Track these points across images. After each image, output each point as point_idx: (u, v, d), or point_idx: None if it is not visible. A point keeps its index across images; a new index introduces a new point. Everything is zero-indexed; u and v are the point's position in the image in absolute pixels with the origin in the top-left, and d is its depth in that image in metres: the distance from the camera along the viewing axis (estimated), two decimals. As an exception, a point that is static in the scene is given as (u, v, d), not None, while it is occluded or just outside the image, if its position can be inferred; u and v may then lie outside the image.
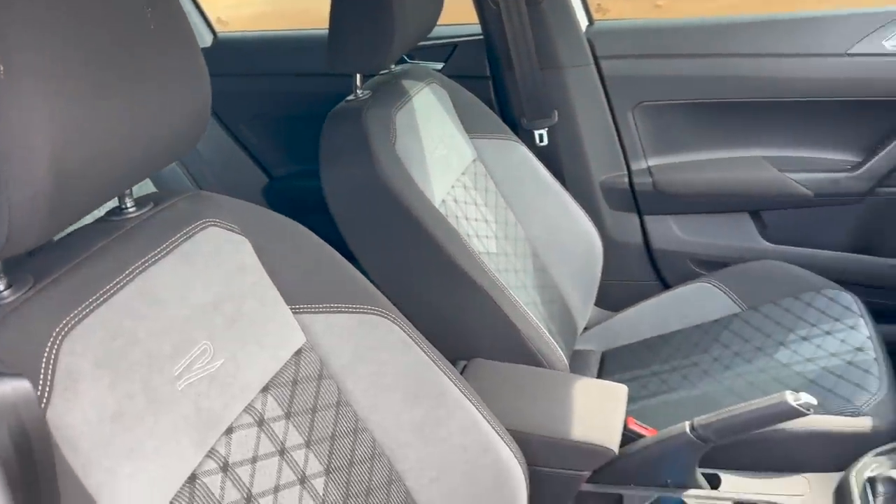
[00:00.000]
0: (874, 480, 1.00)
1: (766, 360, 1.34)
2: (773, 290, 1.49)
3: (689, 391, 1.34)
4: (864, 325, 1.35)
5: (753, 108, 1.63)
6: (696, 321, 1.51)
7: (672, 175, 1.71)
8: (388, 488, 0.87)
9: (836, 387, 1.22)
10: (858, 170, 1.60)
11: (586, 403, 1.08)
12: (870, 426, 1.13)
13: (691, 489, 1.10)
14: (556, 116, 1.67)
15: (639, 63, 1.67)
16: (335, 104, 1.26)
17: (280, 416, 0.78)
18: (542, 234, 1.50)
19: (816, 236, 1.68)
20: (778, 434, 1.11)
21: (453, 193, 1.34)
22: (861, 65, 1.53)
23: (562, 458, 1.03)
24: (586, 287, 1.55)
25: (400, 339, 0.90)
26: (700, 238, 1.74)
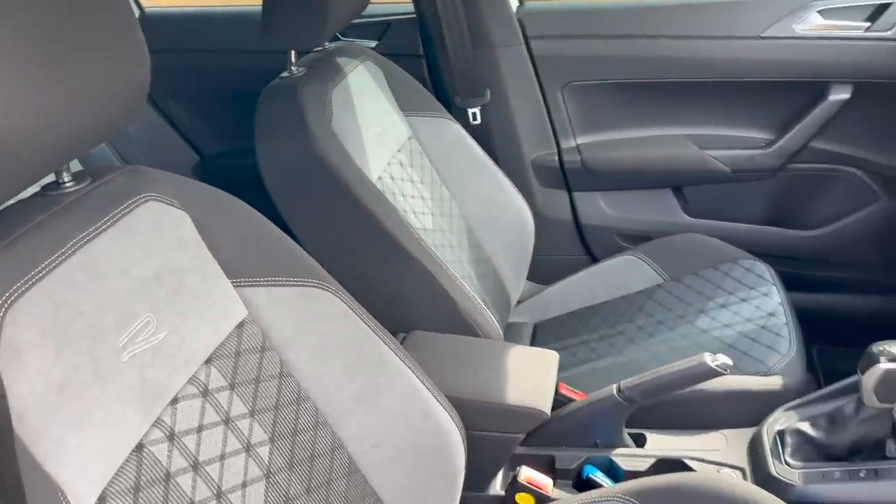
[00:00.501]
0: (783, 433, 1.09)
1: (688, 326, 1.42)
2: (694, 261, 1.56)
3: (615, 358, 1.41)
4: (776, 293, 1.44)
5: (676, 88, 1.71)
6: (622, 292, 1.58)
7: (599, 153, 1.77)
8: (331, 455, 0.90)
9: (751, 349, 1.30)
10: (771, 147, 1.69)
11: (520, 370, 1.12)
12: (780, 384, 1.22)
13: (619, 448, 1.17)
14: (489, 95, 1.70)
15: (568, 43, 1.71)
16: (267, 82, 1.25)
17: (224, 386, 0.80)
18: (477, 210, 1.53)
19: (733, 210, 1.77)
20: (697, 394, 1.19)
21: (389, 171, 1.36)
22: (774, 47, 1.61)
23: (497, 422, 1.08)
24: (519, 261, 1.59)
25: (341, 311, 0.92)
26: (626, 213, 1.81)
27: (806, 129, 1.66)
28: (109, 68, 0.67)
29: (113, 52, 0.67)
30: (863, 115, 1.63)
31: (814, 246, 1.74)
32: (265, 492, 0.80)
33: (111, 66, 0.67)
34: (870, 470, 0.98)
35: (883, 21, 1.55)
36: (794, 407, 1.14)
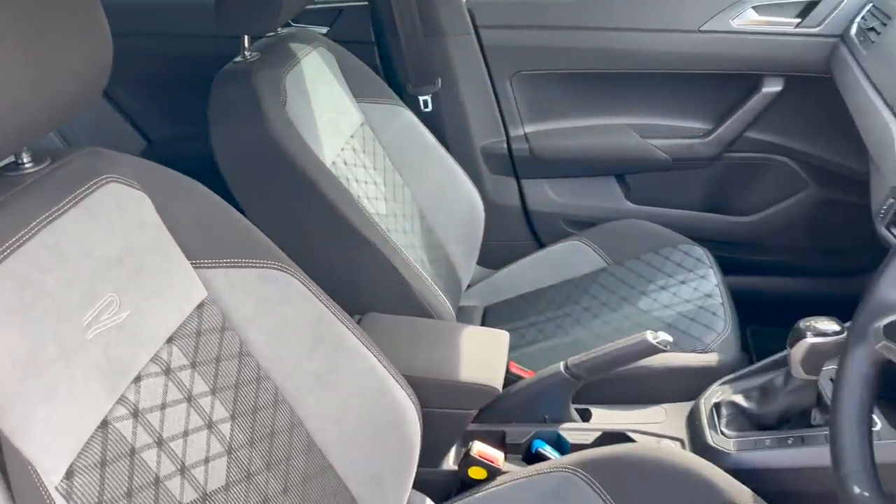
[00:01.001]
0: (719, 405, 1.16)
1: (630, 308, 1.49)
2: (636, 246, 1.63)
3: (562, 338, 1.47)
4: (713, 275, 1.52)
5: (619, 79, 1.76)
6: (568, 276, 1.64)
7: (546, 141, 1.82)
8: (290, 432, 0.92)
9: (690, 328, 1.37)
10: (709, 136, 1.77)
11: (472, 349, 1.16)
12: (716, 360, 1.30)
13: (566, 423, 1.22)
14: (440, 83, 1.73)
15: (516, 34, 1.75)
16: (217, 67, 1.25)
17: (186, 365, 0.81)
18: (429, 196, 1.56)
19: (673, 197, 1.85)
20: (639, 370, 1.25)
21: (343, 156, 1.38)
22: (711, 41, 1.68)
23: (451, 399, 1.11)
24: (469, 246, 1.63)
25: (299, 292, 0.94)
26: (571, 200, 1.87)
27: (741, 119, 1.74)
28: (72, 50, 0.67)
29: (76, 33, 0.68)
30: (793, 108, 1.71)
31: (748, 231, 1.83)
32: (227, 467, 0.82)
33: (74, 48, 0.68)
34: (797, 437, 1.05)
35: (812, 18, 1.63)
36: (729, 381, 1.21)
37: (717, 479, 0.99)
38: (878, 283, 0.80)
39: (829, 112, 1.60)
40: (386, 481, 1.00)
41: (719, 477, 1.00)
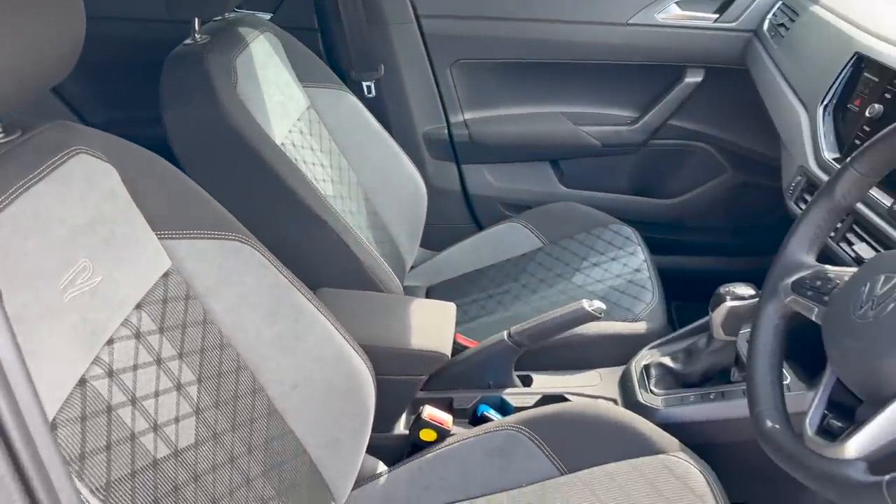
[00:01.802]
0: (648, 367, 1.26)
1: (565, 283, 1.58)
2: (570, 226, 1.72)
3: (503, 313, 1.55)
4: (640, 252, 1.63)
5: (553, 69, 1.85)
6: (507, 256, 1.71)
7: (485, 128, 1.89)
8: (252, 396, 0.96)
9: (620, 300, 1.47)
10: (636, 124, 1.88)
11: (421, 319, 1.23)
12: (645, 328, 1.40)
13: (509, 388, 1.30)
14: (383, 70, 1.78)
15: (456, 23, 1.82)
16: (158, 51, 1.26)
17: (154, 330, 0.85)
18: (373, 179, 1.61)
19: (603, 181, 1.95)
20: (576, 338, 1.34)
21: (291, 138, 1.42)
22: (638, 33, 1.79)
23: (403, 365, 1.17)
24: (413, 229, 1.69)
25: (260, 263, 0.98)
26: (509, 184, 1.95)
27: (665, 108, 1.85)
28: (46, 22, 0.70)
29: (50, 6, 0.70)
30: (713, 97, 1.84)
31: (672, 213, 1.95)
32: (196, 426, 0.86)
33: (48, 20, 0.70)
34: (718, 392, 1.16)
35: (729, 13, 1.76)
36: (657, 346, 1.31)
37: (647, 431, 1.09)
38: (786, 247, 0.91)
39: (744, 101, 1.73)
40: (343, 444, 1.05)
41: (650, 429, 1.09)
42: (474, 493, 1.09)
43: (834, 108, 1.24)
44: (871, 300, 0.73)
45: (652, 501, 1.00)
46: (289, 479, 0.98)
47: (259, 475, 0.94)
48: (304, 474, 1.01)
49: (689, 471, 1.03)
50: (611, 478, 1.04)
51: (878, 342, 0.69)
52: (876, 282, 0.73)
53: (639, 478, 1.03)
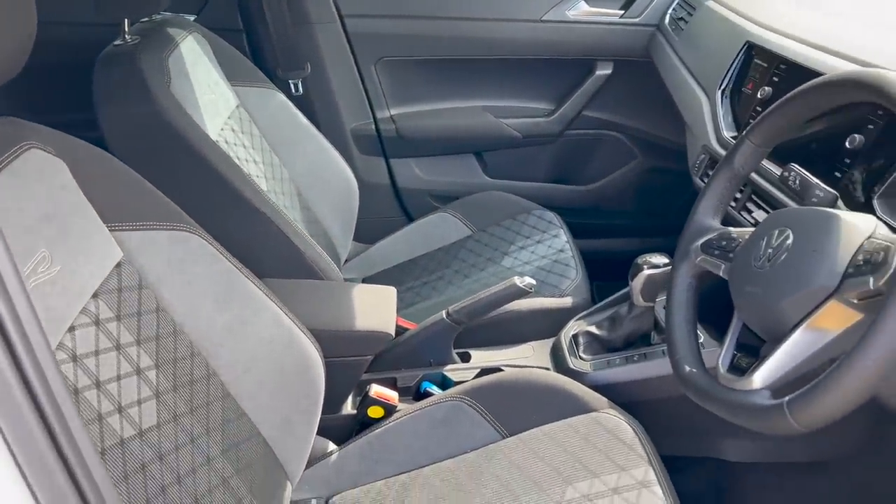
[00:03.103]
0: (577, 336, 1.35)
1: (495, 266, 1.66)
2: (496, 214, 1.81)
3: (438, 298, 1.62)
4: (563, 234, 1.73)
5: (474, 65, 1.94)
6: (438, 245, 1.79)
7: (411, 123, 1.96)
8: (207, 381, 1.00)
9: (547, 278, 1.57)
10: (553, 116, 1.99)
11: (364, 302, 1.28)
12: (571, 302, 1.50)
13: (449, 365, 1.37)
14: (309, 68, 1.82)
15: (379, 22, 1.88)
16: (88, 54, 1.27)
17: (111, 318, 0.87)
18: (305, 175, 1.65)
19: (525, 171, 2.05)
20: (509, 315, 1.42)
21: (224, 136, 1.45)
22: (551, 29, 1.89)
23: (349, 347, 1.22)
24: (345, 222, 1.74)
25: (207, 252, 1.01)
26: (436, 177, 2.03)
27: (579, 100, 1.97)
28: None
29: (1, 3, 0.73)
30: (622, 88, 1.96)
31: (589, 198, 2.07)
32: (157, 409, 0.89)
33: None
34: (640, 354, 1.27)
35: (633, 9, 1.89)
36: (583, 317, 1.41)
37: (579, 392, 1.18)
38: (695, 213, 1.01)
39: (651, 91, 1.86)
40: (295, 425, 1.09)
41: (581, 391, 1.18)
42: (422, 462, 1.15)
43: (730, 92, 1.37)
44: (767, 252, 0.84)
45: (587, 454, 1.09)
46: (245, 458, 1.02)
47: (218, 455, 0.97)
48: (260, 455, 1.05)
49: (619, 424, 1.12)
50: (549, 437, 1.13)
51: (774, 287, 0.80)
52: (771, 236, 0.84)
53: (574, 434, 1.12)
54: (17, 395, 0.47)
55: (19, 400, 0.47)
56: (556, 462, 1.09)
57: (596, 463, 1.07)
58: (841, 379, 0.67)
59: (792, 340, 0.77)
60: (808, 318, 0.76)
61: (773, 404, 0.73)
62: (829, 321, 0.75)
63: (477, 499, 1.07)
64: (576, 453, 1.09)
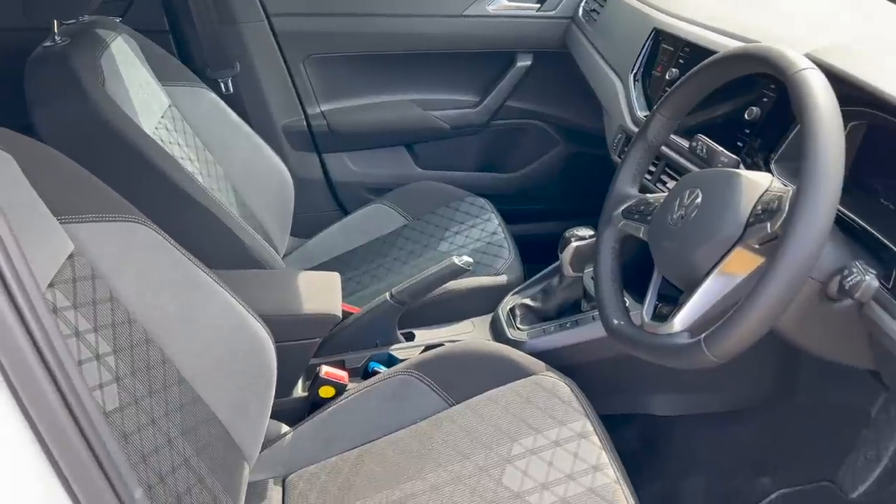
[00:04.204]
0: (513, 309, 1.44)
1: (432, 252, 1.73)
2: (430, 202, 1.87)
3: (378, 285, 1.67)
4: (495, 219, 1.81)
5: (400, 60, 1.99)
6: (375, 235, 1.84)
7: (342, 118, 2.00)
8: (162, 367, 1.02)
9: (483, 259, 1.65)
10: (478, 107, 2.07)
11: (309, 287, 1.32)
12: (506, 280, 1.58)
13: (395, 344, 1.43)
14: (238, 67, 1.84)
15: (306, 20, 1.91)
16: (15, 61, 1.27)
17: (69, 306, 0.90)
18: (239, 172, 1.67)
19: (455, 161, 2.13)
20: (449, 294, 1.49)
21: (159, 135, 1.46)
22: (472, 24, 1.96)
23: (298, 330, 1.26)
24: (282, 218, 1.77)
25: (157, 242, 1.04)
26: (369, 170, 2.08)
27: (502, 91, 2.05)
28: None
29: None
30: (542, 79, 2.06)
31: (516, 185, 2.16)
32: (118, 392, 0.92)
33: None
34: (572, 321, 1.36)
35: (549, 2, 1.98)
36: (518, 291, 1.50)
37: (519, 358, 1.26)
38: (615, 184, 1.11)
39: (569, 81, 1.96)
40: (249, 407, 1.13)
41: (520, 357, 1.26)
42: (375, 436, 1.21)
43: (641, 76, 1.48)
44: (680, 211, 0.93)
45: (529, 413, 1.17)
46: (204, 440, 1.05)
47: (178, 436, 1.00)
48: (217, 436, 1.08)
49: (556, 384, 1.21)
50: (493, 401, 1.20)
51: (687, 241, 0.90)
52: (683, 196, 0.94)
53: (516, 397, 1.20)
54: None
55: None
56: (501, 423, 1.16)
57: (538, 420, 1.15)
58: (747, 313, 0.76)
59: (705, 286, 0.86)
60: (718, 266, 0.86)
61: (692, 342, 0.83)
62: (737, 266, 0.85)
63: (429, 463, 1.13)
64: (519, 413, 1.17)
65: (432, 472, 1.11)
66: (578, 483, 1.04)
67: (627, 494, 1.02)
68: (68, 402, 0.53)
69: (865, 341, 0.92)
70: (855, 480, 1.39)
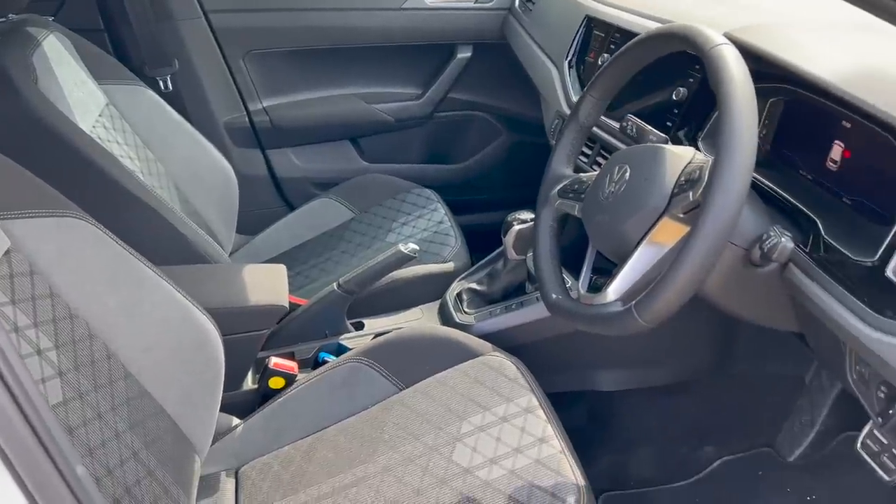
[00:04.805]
0: (460, 294, 1.46)
1: (380, 243, 1.74)
2: (377, 195, 1.89)
3: (327, 278, 1.68)
4: (441, 208, 1.83)
5: (342, 54, 2.00)
6: (322, 230, 1.84)
7: (285, 113, 2.00)
8: (107, 361, 1.02)
9: (430, 248, 1.67)
10: (421, 99, 2.09)
11: (255, 279, 1.32)
12: (453, 267, 1.61)
13: (344, 334, 1.44)
14: (177, 64, 1.83)
15: (244, 16, 1.90)
16: None
17: (6, 302, 0.89)
18: (182, 170, 1.65)
19: (400, 153, 2.14)
20: (397, 282, 1.51)
21: (96, 132, 1.44)
22: (412, 17, 1.98)
23: (245, 322, 1.26)
24: (227, 215, 1.75)
25: (96, 236, 1.03)
26: (314, 164, 2.08)
27: (444, 82, 2.08)
28: None
29: None
30: (482, 70, 2.09)
31: (461, 175, 2.19)
32: (61, 386, 0.92)
33: None
34: (517, 303, 1.39)
35: (485, -5, 2.02)
36: (464, 277, 1.52)
37: (466, 340, 1.28)
38: (550, 165, 1.14)
39: (509, 72, 1.99)
40: (198, 399, 1.13)
41: (468, 339, 1.28)
42: (326, 423, 1.22)
43: (576, 62, 1.52)
44: (611, 187, 0.97)
45: (477, 392, 1.19)
46: (153, 433, 1.05)
47: (126, 430, 1.00)
48: (165, 430, 1.08)
49: (503, 363, 1.24)
50: (442, 383, 1.22)
51: (617, 214, 0.93)
52: (613, 172, 0.98)
53: (464, 377, 1.22)
54: None
55: None
56: (450, 403, 1.18)
57: (485, 398, 1.18)
58: (672, 278, 0.80)
59: (635, 256, 0.90)
60: (646, 236, 0.90)
61: (623, 310, 0.86)
62: (664, 235, 0.89)
63: (381, 446, 1.15)
64: (467, 393, 1.19)
65: (384, 455, 1.13)
66: (525, 455, 1.07)
67: (572, 463, 1.05)
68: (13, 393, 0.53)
69: (789, 304, 0.97)
70: (792, 445, 1.46)
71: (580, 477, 1.03)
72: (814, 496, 1.40)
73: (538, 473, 1.04)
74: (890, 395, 0.79)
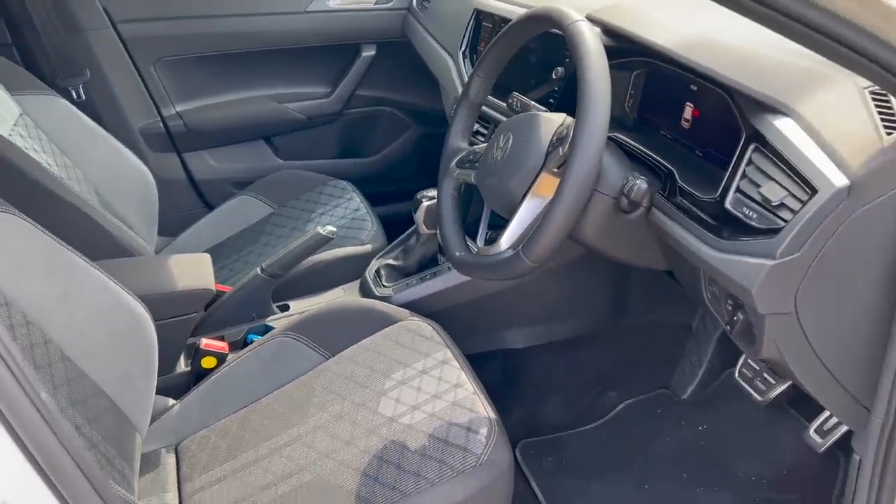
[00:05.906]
0: (379, 270, 1.57)
1: (301, 234, 1.82)
2: (294, 189, 1.97)
3: (250, 269, 1.74)
4: (357, 197, 1.93)
5: (251, 57, 2.07)
6: (243, 226, 1.91)
7: (199, 116, 2.06)
8: (45, 346, 1.08)
9: (348, 233, 1.77)
10: (331, 97, 2.19)
11: (181, 266, 1.39)
12: (371, 248, 1.71)
13: (271, 316, 1.53)
14: (88, 74, 1.87)
15: (152, 25, 1.95)
16: None
17: None
18: (101, 176, 1.69)
19: (313, 150, 2.23)
20: (319, 265, 1.61)
21: (13, 141, 1.48)
22: (316, 19, 2.08)
23: (174, 307, 1.33)
24: (147, 217, 1.80)
25: (28, 229, 1.09)
26: (231, 164, 2.15)
27: (351, 80, 2.18)
28: None
29: None
30: (387, 67, 2.21)
31: (375, 168, 2.30)
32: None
33: None
34: (431, 273, 1.51)
35: (385, -5, 2.14)
36: (382, 255, 1.64)
37: (386, 309, 1.39)
38: (448, 140, 1.27)
39: (412, 67, 2.11)
40: (134, 380, 1.20)
41: (388, 308, 1.39)
42: (259, 396, 1.30)
43: (469, 52, 1.66)
44: (497, 153, 1.10)
45: (397, 352, 1.31)
46: (93, 411, 1.12)
47: (68, 406, 1.07)
48: (105, 409, 1.15)
49: (420, 325, 1.35)
50: (365, 348, 1.33)
51: (504, 174, 1.07)
52: (499, 140, 1.11)
53: (385, 341, 1.33)
54: None
55: None
56: (373, 364, 1.29)
57: (405, 356, 1.29)
58: (548, 221, 0.94)
59: (521, 209, 1.04)
60: (529, 191, 1.03)
61: (513, 254, 1.00)
62: (543, 189, 1.03)
63: (312, 408, 1.25)
64: (389, 354, 1.31)
65: (315, 416, 1.23)
66: (443, 399, 1.19)
67: (484, 402, 1.18)
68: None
69: (657, 244, 1.13)
70: (684, 384, 1.63)
71: (491, 412, 1.15)
72: (705, 426, 1.57)
73: (454, 413, 1.16)
74: (735, 305, 0.95)
